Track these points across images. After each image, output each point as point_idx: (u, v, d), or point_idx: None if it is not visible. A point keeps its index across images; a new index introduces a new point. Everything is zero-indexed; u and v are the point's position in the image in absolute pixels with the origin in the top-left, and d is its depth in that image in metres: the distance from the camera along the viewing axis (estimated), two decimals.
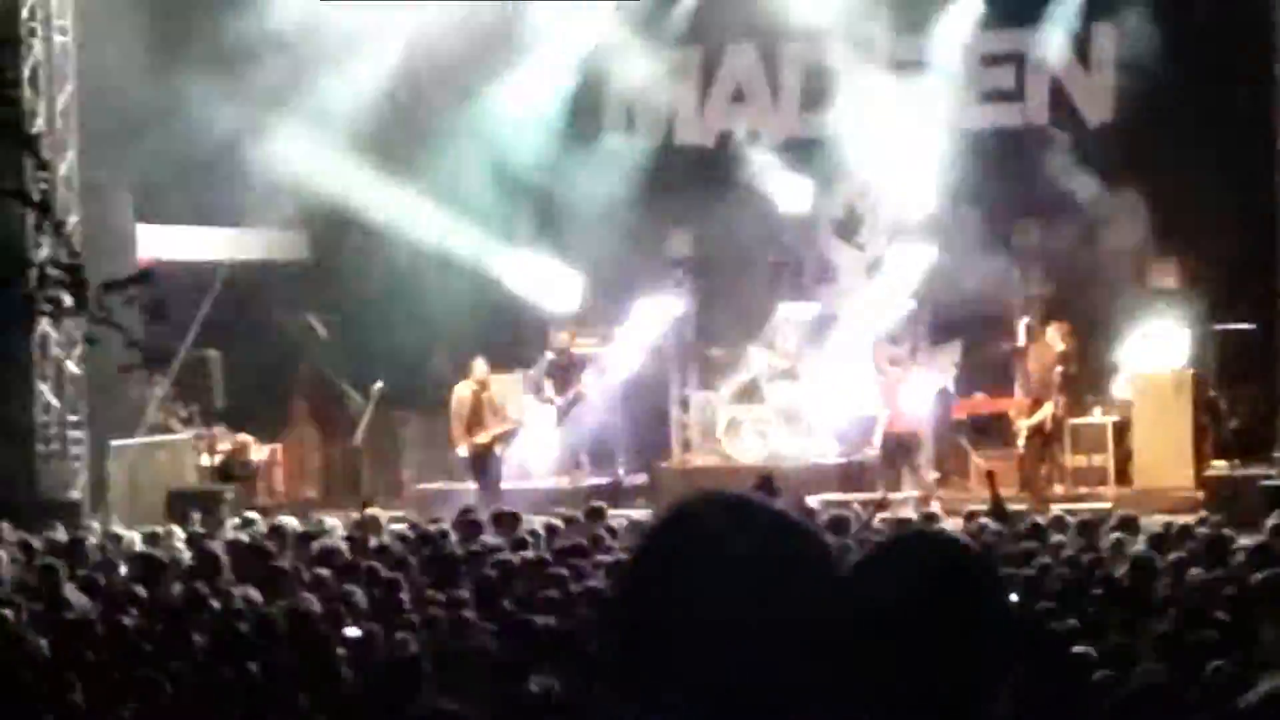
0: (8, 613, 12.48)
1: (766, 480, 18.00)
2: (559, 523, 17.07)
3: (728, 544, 2.30)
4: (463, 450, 22.95)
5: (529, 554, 14.80)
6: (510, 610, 12.17)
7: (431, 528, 16.94)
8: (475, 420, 22.84)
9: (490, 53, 24.97)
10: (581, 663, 9.95)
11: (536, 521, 16.97)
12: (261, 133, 23.31)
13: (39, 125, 21.58)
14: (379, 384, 23.33)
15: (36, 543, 16.45)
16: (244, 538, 16.93)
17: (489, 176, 24.81)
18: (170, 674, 10.68)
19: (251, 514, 19.35)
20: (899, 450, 22.77)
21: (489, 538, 16.09)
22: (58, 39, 22.53)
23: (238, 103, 22.92)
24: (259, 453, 24.68)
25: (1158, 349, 23.07)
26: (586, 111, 25.72)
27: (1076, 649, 10.17)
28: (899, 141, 24.15)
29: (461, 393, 22.91)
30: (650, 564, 2.33)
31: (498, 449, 23.16)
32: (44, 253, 17.26)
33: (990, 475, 19.28)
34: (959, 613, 2.99)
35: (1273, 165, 21.98)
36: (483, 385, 22.99)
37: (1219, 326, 22.97)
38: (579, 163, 24.97)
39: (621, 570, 2.36)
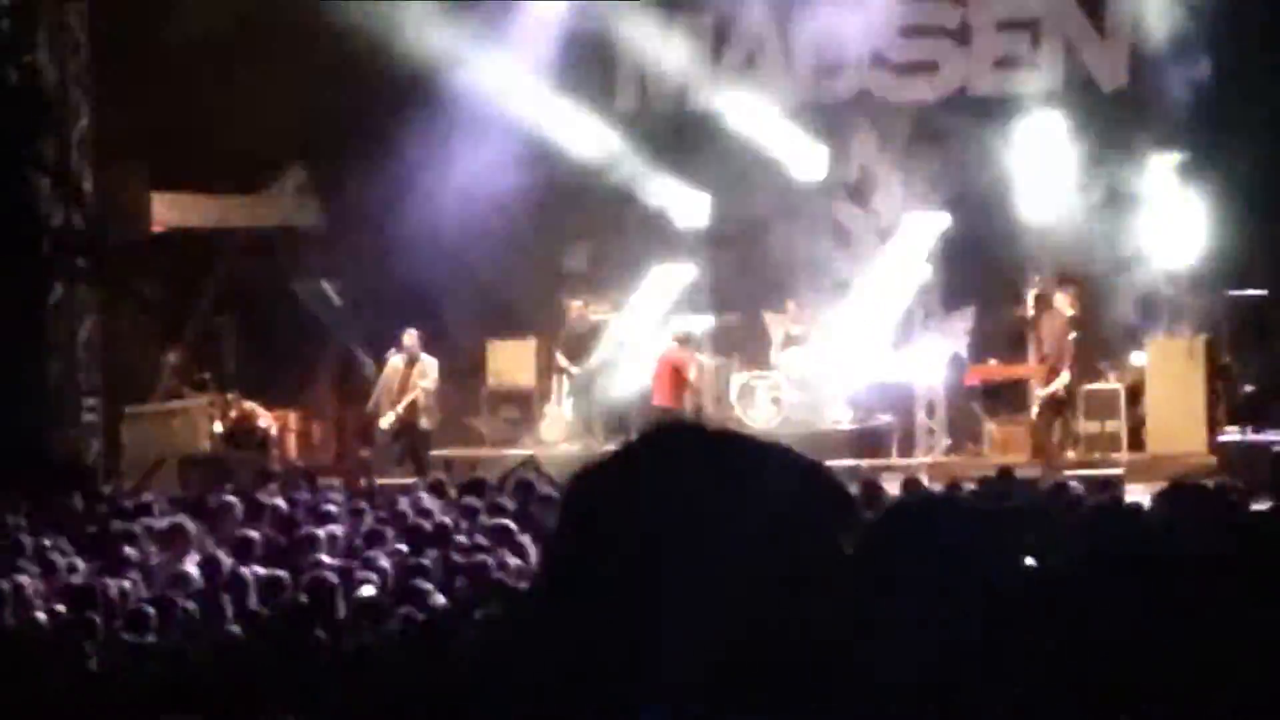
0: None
1: None
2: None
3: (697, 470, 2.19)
4: (385, 421, 23.29)
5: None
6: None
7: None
8: (401, 391, 23.14)
9: (499, 16, 24.96)
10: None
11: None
12: (277, 97, 23.24)
13: (53, 91, 21.55)
14: (392, 351, 23.34)
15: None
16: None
17: (496, 141, 24.69)
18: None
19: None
20: None
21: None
22: (70, 4, 22.50)
23: (254, 66, 22.89)
24: (267, 420, 24.70)
25: (1170, 314, 23.08)
26: (598, 78, 25.63)
27: (1093, 613, 10.18)
28: (912, 107, 24.15)
29: (394, 364, 23.12)
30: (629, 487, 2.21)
31: (425, 421, 23.32)
32: (59, 219, 17.29)
33: None
34: (964, 577, 2.98)
35: None
36: (411, 357, 23.19)
37: (1231, 292, 22.95)
38: (589, 129, 24.91)
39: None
